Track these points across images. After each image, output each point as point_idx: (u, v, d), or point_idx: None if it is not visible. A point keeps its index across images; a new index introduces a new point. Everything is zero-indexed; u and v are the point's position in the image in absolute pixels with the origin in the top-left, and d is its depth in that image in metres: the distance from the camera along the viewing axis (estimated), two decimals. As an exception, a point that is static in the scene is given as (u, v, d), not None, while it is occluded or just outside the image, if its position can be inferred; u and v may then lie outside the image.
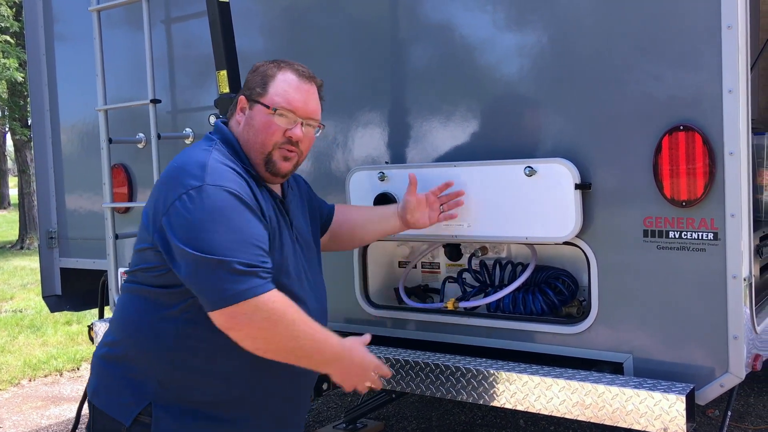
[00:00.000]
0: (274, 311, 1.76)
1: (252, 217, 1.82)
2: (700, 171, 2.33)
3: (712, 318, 2.37)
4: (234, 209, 1.79)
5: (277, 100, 1.96)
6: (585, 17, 2.56)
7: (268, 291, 1.77)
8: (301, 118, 1.99)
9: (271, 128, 1.96)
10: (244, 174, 1.92)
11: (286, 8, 3.25)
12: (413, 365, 2.74)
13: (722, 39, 2.28)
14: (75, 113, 4.06)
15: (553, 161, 2.56)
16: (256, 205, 1.87)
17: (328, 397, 4.66)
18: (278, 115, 1.96)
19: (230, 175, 1.86)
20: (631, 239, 2.48)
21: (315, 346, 1.86)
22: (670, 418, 2.26)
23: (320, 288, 2.16)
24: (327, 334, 1.90)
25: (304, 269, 2.06)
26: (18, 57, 13.98)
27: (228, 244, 1.74)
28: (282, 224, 2.00)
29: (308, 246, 2.15)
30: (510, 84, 2.73)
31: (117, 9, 3.64)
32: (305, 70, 2.06)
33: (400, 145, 2.98)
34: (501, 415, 4.26)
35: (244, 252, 1.75)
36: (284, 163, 1.99)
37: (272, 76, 2.00)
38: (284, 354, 1.84)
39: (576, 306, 2.80)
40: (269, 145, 1.96)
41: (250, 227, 1.80)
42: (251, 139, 1.97)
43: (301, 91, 2.00)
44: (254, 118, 1.97)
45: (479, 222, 2.73)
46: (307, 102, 2.01)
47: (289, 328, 1.79)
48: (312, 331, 1.84)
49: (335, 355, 1.91)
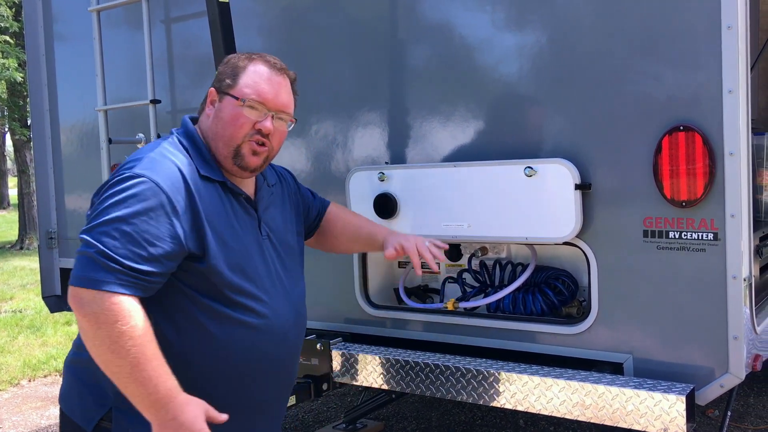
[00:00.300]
0: (105, 314, 1.63)
1: (160, 215, 1.72)
2: (700, 171, 2.33)
3: (712, 318, 2.37)
4: (143, 201, 1.71)
5: (247, 91, 1.90)
6: (585, 17, 2.56)
7: (117, 293, 1.65)
8: (271, 111, 1.92)
9: (240, 120, 1.89)
10: (195, 168, 1.84)
11: (286, 8, 3.25)
12: (413, 365, 2.74)
13: (722, 39, 2.28)
14: (75, 113, 4.06)
15: (553, 161, 2.56)
16: (183, 203, 1.76)
17: (327, 398, 4.66)
18: (248, 107, 1.89)
19: (165, 167, 1.79)
20: (631, 239, 2.48)
21: (136, 377, 1.64)
22: (670, 418, 2.26)
23: (296, 290, 2.07)
24: (162, 375, 1.66)
25: (274, 269, 1.97)
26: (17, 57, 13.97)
27: (112, 232, 1.67)
28: (240, 222, 1.91)
29: (285, 246, 2.06)
30: (510, 84, 2.73)
31: (116, 9, 3.64)
32: (277, 62, 1.99)
33: (400, 146, 2.98)
34: (501, 415, 4.26)
35: (122, 247, 1.66)
36: (253, 158, 1.92)
37: (243, 68, 1.94)
38: (104, 365, 1.68)
39: (576, 306, 2.80)
40: (238, 137, 1.89)
41: (147, 224, 1.70)
42: (220, 131, 1.91)
43: (272, 83, 1.93)
44: (223, 110, 1.91)
45: (479, 222, 2.73)
46: (278, 94, 1.94)
47: (111, 338, 1.63)
48: (141, 360, 1.64)
49: (156, 401, 1.65)
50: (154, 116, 3.37)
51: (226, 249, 1.83)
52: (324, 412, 4.47)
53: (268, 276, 1.94)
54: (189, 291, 1.81)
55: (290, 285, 2.03)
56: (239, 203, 1.93)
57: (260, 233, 1.97)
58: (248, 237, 1.92)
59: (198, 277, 1.80)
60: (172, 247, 1.73)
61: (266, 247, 1.97)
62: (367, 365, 2.86)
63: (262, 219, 1.99)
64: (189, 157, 1.87)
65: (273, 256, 1.99)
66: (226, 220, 1.87)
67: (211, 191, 1.86)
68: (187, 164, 1.84)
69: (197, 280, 1.81)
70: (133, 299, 1.68)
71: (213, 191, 1.86)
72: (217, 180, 1.88)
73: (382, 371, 2.83)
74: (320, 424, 4.25)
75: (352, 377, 2.91)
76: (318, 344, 2.96)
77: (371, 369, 2.85)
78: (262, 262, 1.94)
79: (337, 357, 2.93)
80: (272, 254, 1.99)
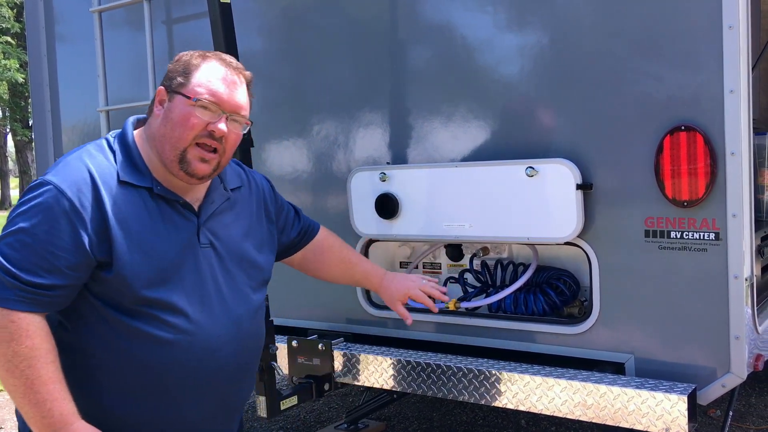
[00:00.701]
0: (1, 331, 1.58)
1: (63, 223, 1.63)
2: (701, 171, 2.33)
3: (713, 318, 2.37)
4: (46, 209, 1.63)
5: (200, 90, 1.76)
6: (586, 17, 2.56)
7: (15, 311, 1.59)
8: (225, 112, 1.78)
9: (190, 121, 1.74)
10: (115, 172, 1.73)
11: (287, 9, 3.26)
12: (415, 366, 2.74)
13: (723, 39, 2.28)
14: (76, 114, 4.06)
15: (555, 161, 2.56)
16: (89, 209, 1.67)
17: (329, 398, 4.66)
18: (200, 106, 1.75)
19: (73, 172, 1.69)
20: (632, 239, 2.48)
21: (30, 398, 1.59)
22: (671, 418, 2.26)
23: (243, 305, 1.90)
24: (58, 399, 1.60)
25: (212, 281, 1.83)
26: (19, 58, 14.01)
27: (15, 244, 1.61)
28: (169, 230, 1.78)
29: (237, 257, 1.90)
30: (511, 84, 2.73)
31: (118, 10, 3.64)
32: (233, 61, 1.87)
33: (402, 146, 2.98)
34: (502, 415, 4.26)
35: (23, 260, 1.60)
36: (201, 165, 1.77)
37: (196, 66, 1.80)
38: (2, 382, 1.62)
39: (577, 306, 2.80)
40: (187, 139, 1.75)
41: (50, 234, 1.62)
42: (168, 132, 1.76)
43: (227, 82, 1.79)
44: (173, 110, 1.77)
45: (481, 222, 2.73)
46: (233, 94, 1.80)
47: (6, 357, 1.58)
48: (35, 382, 1.58)
49: (49, 425, 1.59)
50: (155, 117, 3.37)
51: (142, 258, 1.70)
52: (326, 413, 4.47)
53: (199, 288, 1.80)
54: (97, 303, 1.70)
55: (234, 299, 1.87)
56: (174, 210, 1.80)
57: (198, 242, 1.82)
58: (178, 246, 1.78)
59: (106, 288, 1.69)
60: (77, 257, 1.64)
61: (204, 257, 1.82)
62: (369, 365, 2.86)
63: (203, 226, 1.84)
64: (112, 161, 1.75)
65: (214, 267, 1.84)
66: (147, 227, 1.74)
67: (130, 197, 1.73)
68: (105, 168, 1.73)
69: (105, 290, 1.69)
70: (36, 316, 1.61)
71: (133, 197, 1.74)
72: (141, 186, 1.76)
73: (384, 371, 2.83)
74: (322, 424, 4.25)
75: (354, 377, 2.91)
76: (320, 344, 2.96)
77: (373, 369, 2.86)
78: (194, 273, 1.79)
79: (339, 357, 2.93)
80: (213, 265, 1.84)
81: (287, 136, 3.25)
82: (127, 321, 1.70)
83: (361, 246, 3.08)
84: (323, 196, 3.18)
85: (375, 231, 3.00)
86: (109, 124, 3.57)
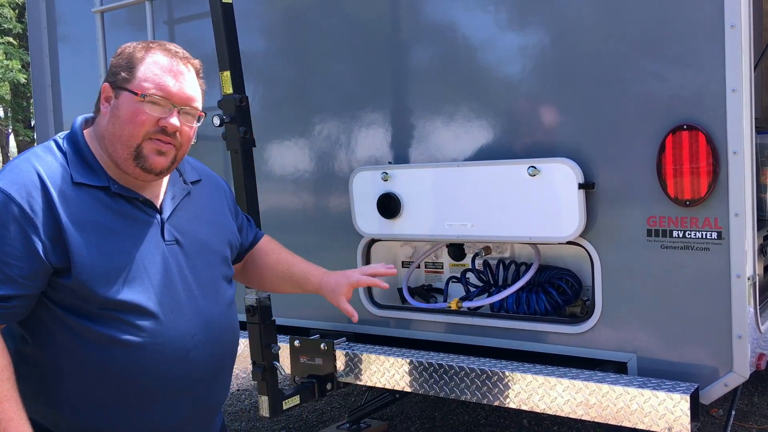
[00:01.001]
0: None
1: (14, 230, 1.56)
2: (703, 170, 2.33)
3: (716, 317, 2.37)
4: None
5: (147, 85, 1.67)
6: (588, 17, 2.56)
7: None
8: (176, 106, 1.69)
9: (139, 117, 1.66)
10: (68, 174, 1.67)
11: (289, 9, 3.26)
12: (417, 365, 2.74)
13: (725, 38, 2.28)
14: (78, 114, 4.06)
15: (557, 161, 2.56)
16: (41, 214, 1.59)
17: (331, 398, 4.66)
18: (149, 102, 1.67)
19: (22, 175, 1.61)
20: (634, 239, 2.48)
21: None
22: (674, 417, 2.25)
23: (213, 302, 1.82)
24: (13, 420, 1.55)
25: (180, 279, 1.76)
26: (21, 58, 14.02)
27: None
28: (130, 229, 1.71)
29: (203, 252, 1.83)
30: (513, 84, 2.73)
31: (120, 10, 3.65)
32: (179, 50, 1.76)
33: (403, 145, 2.98)
34: (505, 414, 4.26)
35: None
36: (158, 158, 1.69)
37: (140, 59, 1.70)
38: None
39: (580, 305, 2.80)
40: (138, 136, 1.67)
41: (0, 243, 1.55)
42: (117, 131, 1.68)
43: (174, 74, 1.70)
44: (120, 107, 1.68)
45: (483, 222, 2.73)
46: (183, 86, 1.71)
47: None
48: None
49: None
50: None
51: (103, 260, 1.63)
52: (328, 412, 4.47)
53: (167, 287, 1.72)
54: (59, 310, 1.63)
55: (204, 296, 1.79)
56: (134, 207, 1.72)
57: (163, 238, 1.74)
58: (142, 245, 1.70)
59: (67, 294, 1.62)
60: (31, 264, 1.56)
61: (171, 255, 1.75)
62: (371, 365, 2.86)
63: (167, 223, 1.76)
64: (63, 162, 1.68)
65: (182, 265, 1.76)
66: (106, 228, 1.66)
67: (85, 198, 1.66)
68: (55, 170, 1.65)
69: (66, 297, 1.62)
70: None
71: (89, 198, 1.66)
72: (97, 186, 1.68)
73: (386, 371, 2.83)
74: (324, 424, 4.25)
75: (356, 377, 2.91)
76: (322, 344, 2.96)
77: (375, 369, 2.86)
78: (161, 272, 1.71)
79: (341, 357, 2.93)
80: (180, 262, 1.76)
81: (289, 136, 3.26)
82: (91, 327, 1.62)
83: (363, 246, 3.08)
84: (325, 195, 3.18)
85: (377, 231, 3.00)
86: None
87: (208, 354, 1.78)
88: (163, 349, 1.69)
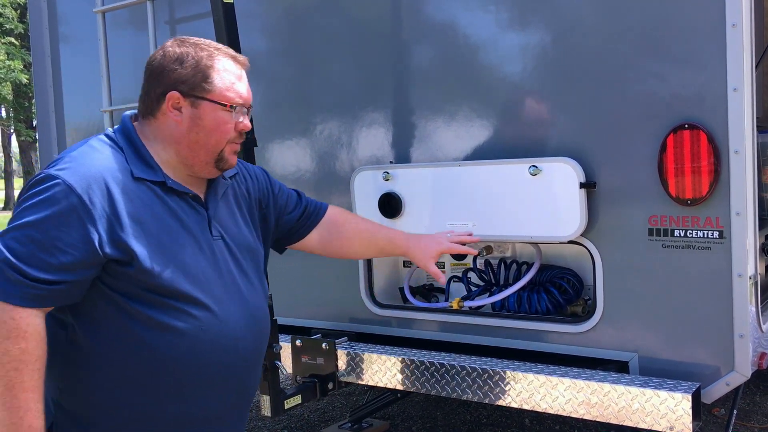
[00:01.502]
0: (0, 326, 1.57)
1: (72, 220, 1.61)
2: (705, 169, 2.33)
3: (717, 316, 2.37)
4: (54, 205, 1.61)
5: (231, 96, 1.78)
6: (589, 16, 2.56)
7: (19, 307, 1.57)
8: (246, 108, 1.84)
9: (227, 126, 1.79)
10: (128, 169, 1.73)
11: (290, 9, 3.26)
12: (418, 365, 2.74)
13: (727, 37, 2.28)
14: (80, 114, 4.07)
15: (558, 160, 2.56)
16: (100, 206, 1.64)
17: (333, 397, 4.66)
18: (237, 113, 1.80)
19: (83, 168, 1.66)
20: (636, 238, 2.48)
21: (5, 399, 1.56)
22: (676, 416, 2.25)
23: (255, 295, 1.91)
24: (32, 410, 1.58)
25: (227, 272, 1.84)
26: (23, 59, 14.04)
27: (22, 238, 1.58)
28: (184, 223, 1.78)
29: (242, 247, 1.92)
30: (514, 83, 2.73)
31: (121, 10, 3.65)
32: (236, 54, 1.86)
33: (405, 145, 2.99)
34: (506, 414, 4.26)
35: (30, 255, 1.58)
36: (233, 157, 1.85)
37: (210, 67, 1.78)
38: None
39: (581, 305, 2.80)
40: (224, 142, 1.80)
41: (58, 230, 1.60)
42: (202, 139, 1.77)
43: (242, 79, 1.83)
44: (204, 117, 1.77)
45: (484, 221, 2.73)
46: (249, 89, 1.85)
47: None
48: (16, 386, 1.57)
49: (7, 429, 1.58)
50: (159, 117, 3.37)
51: (162, 251, 1.70)
52: (329, 412, 4.48)
53: (218, 279, 1.80)
54: (117, 296, 1.68)
55: (248, 290, 1.88)
56: (186, 203, 1.80)
57: (211, 234, 1.83)
58: (195, 238, 1.79)
59: (126, 282, 1.67)
60: (85, 254, 1.61)
61: (218, 249, 1.83)
62: (373, 364, 2.86)
63: (213, 218, 1.85)
64: (122, 158, 1.75)
65: (227, 258, 1.85)
66: (165, 221, 1.74)
67: (144, 192, 1.73)
68: (115, 164, 1.72)
69: (125, 284, 1.68)
70: (38, 316, 1.59)
71: (147, 192, 1.74)
72: (154, 180, 1.76)
73: (388, 370, 2.83)
74: (326, 423, 4.26)
75: (358, 376, 2.91)
76: (323, 344, 2.96)
77: (377, 368, 2.86)
78: (212, 265, 1.80)
79: (343, 356, 2.94)
80: (226, 256, 1.85)
81: (290, 136, 3.26)
82: (149, 313, 1.69)
83: (365, 245, 3.08)
84: (326, 195, 3.18)
85: (378, 230, 3.00)
86: (112, 124, 3.57)
87: (252, 344, 1.87)
88: (214, 338, 1.76)
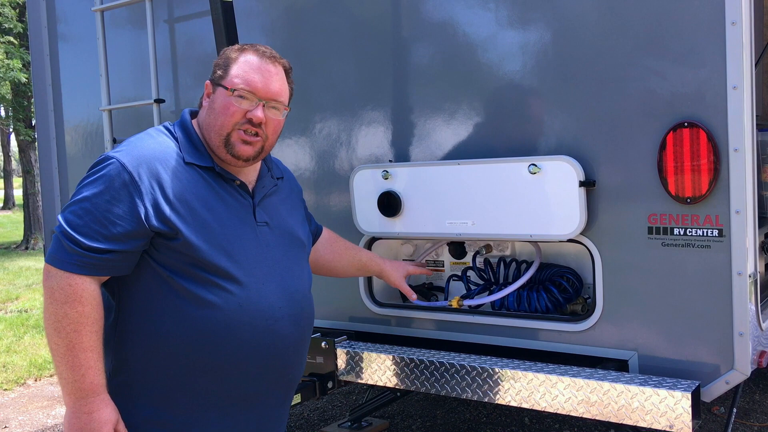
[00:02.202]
0: (58, 291, 1.73)
1: (123, 194, 1.78)
2: (704, 168, 2.33)
3: (717, 315, 2.36)
4: (107, 181, 1.78)
5: (236, 81, 1.92)
6: (588, 14, 2.56)
7: (75, 274, 1.73)
8: (262, 100, 1.94)
9: (230, 109, 1.91)
10: (179, 154, 1.90)
11: (289, 7, 3.26)
12: (418, 363, 2.74)
13: (726, 35, 2.28)
14: (79, 113, 4.07)
15: (557, 159, 2.56)
16: (148, 183, 1.80)
17: (332, 396, 4.66)
18: (237, 96, 1.91)
19: (137, 150, 1.85)
20: (635, 236, 2.48)
21: (68, 360, 1.72)
22: (675, 415, 2.25)
23: (299, 281, 2.04)
24: (93, 368, 1.74)
25: (270, 256, 1.96)
26: (22, 58, 14.02)
27: (78, 211, 1.76)
28: (228, 206, 1.92)
29: (290, 236, 2.06)
30: (513, 81, 2.73)
31: (120, 9, 3.65)
32: (268, 50, 2.01)
33: (404, 144, 2.98)
34: (506, 412, 4.26)
35: (84, 226, 1.75)
36: (244, 147, 1.93)
37: (234, 59, 1.96)
38: (47, 336, 1.76)
39: (581, 303, 2.80)
40: (228, 126, 1.92)
41: (110, 203, 1.77)
42: (212, 121, 1.94)
43: (262, 71, 1.95)
44: (216, 101, 1.95)
45: (483, 220, 2.73)
46: (269, 83, 1.95)
47: (56, 316, 1.72)
48: (77, 346, 1.72)
49: (78, 390, 1.73)
50: (158, 116, 3.38)
51: (206, 229, 1.84)
52: (329, 411, 4.48)
53: (258, 261, 1.93)
54: (162, 270, 1.82)
55: (289, 275, 2.00)
56: (232, 188, 1.96)
57: (255, 219, 1.97)
58: (237, 220, 1.93)
59: (171, 256, 1.82)
60: (133, 225, 1.77)
61: (261, 234, 1.97)
62: (372, 363, 2.86)
63: (258, 206, 1.99)
64: (175, 144, 1.92)
65: (271, 243, 1.98)
66: (210, 202, 1.89)
67: (193, 176, 1.89)
68: (168, 149, 1.90)
69: (171, 258, 1.82)
70: (93, 283, 1.76)
71: (196, 176, 1.90)
72: (203, 165, 1.92)
73: (387, 369, 2.83)
74: (325, 422, 4.26)
75: (357, 375, 2.91)
76: (323, 342, 2.96)
77: (376, 367, 2.86)
78: (253, 247, 1.93)
79: (342, 355, 2.93)
80: (269, 242, 1.98)
81: (290, 135, 3.26)
82: (189, 287, 1.81)
83: (364, 244, 3.08)
84: (326, 194, 3.18)
85: (378, 229, 3.00)
86: (111, 123, 3.57)
87: (292, 328, 1.97)
88: (250, 317, 1.87)
